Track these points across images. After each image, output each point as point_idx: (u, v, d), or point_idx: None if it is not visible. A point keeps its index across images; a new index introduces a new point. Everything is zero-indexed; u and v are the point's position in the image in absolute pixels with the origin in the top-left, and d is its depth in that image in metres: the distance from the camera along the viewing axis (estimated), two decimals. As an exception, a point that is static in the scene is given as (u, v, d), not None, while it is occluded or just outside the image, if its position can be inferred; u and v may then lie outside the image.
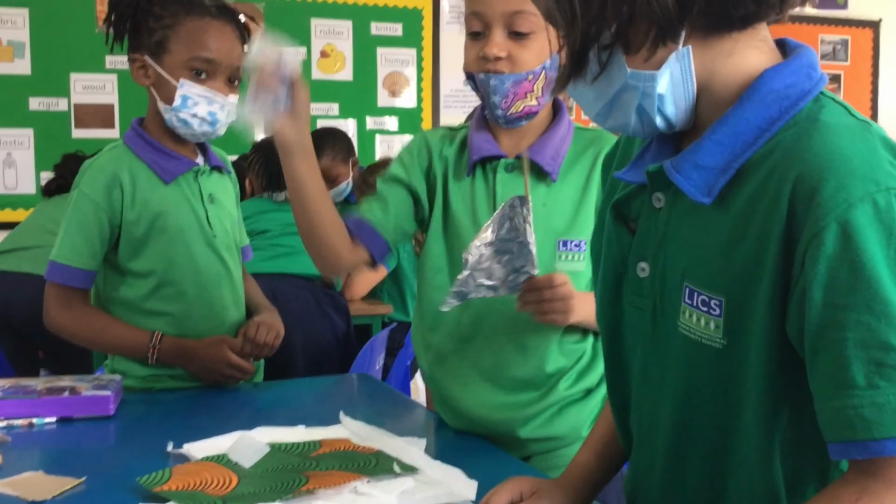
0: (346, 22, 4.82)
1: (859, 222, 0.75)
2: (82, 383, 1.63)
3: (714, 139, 0.85)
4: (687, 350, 0.89)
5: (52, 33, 4.27)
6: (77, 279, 1.74)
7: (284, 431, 1.43)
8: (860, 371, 0.76)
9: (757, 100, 0.84)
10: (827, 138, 0.79)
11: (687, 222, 0.90)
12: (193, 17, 1.70)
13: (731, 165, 0.84)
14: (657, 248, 0.93)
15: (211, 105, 1.72)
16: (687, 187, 0.86)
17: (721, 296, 0.84)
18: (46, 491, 1.18)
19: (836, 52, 5.92)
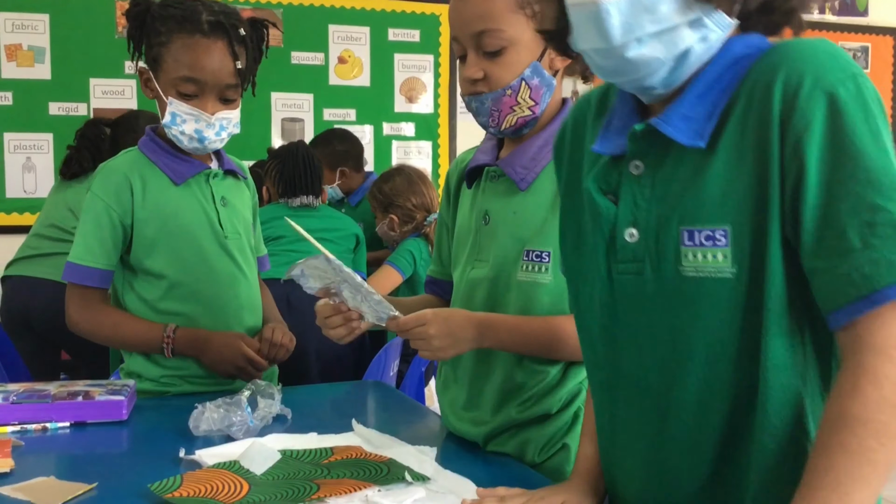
0: (363, 28, 4.83)
1: (842, 102, 0.85)
2: (96, 388, 1.63)
3: (694, 93, 0.94)
4: (695, 291, 0.93)
5: (72, 39, 4.30)
6: (93, 279, 1.76)
7: (296, 438, 1.43)
8: (855, 235, 0.83)
9: (723, 61, 0.94)
10: (794, 47, 0.89)
11: (677, 178, 0.95)
12: (183, 34, 1.70)
13: (714, 112, 0.93)
14: (646, 212, 0.97)
15: (198, 123, 1.73)
16: (679, 135, 0.93)
17: (726, 225, 0.91)
18: (58, 496, 1.18)
19: (856, 59, 5.87)
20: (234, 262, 1.84)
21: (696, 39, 0.91)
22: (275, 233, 2.85)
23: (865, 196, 0.84)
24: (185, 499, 1.14)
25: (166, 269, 1.78)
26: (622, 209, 1.00)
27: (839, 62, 0.88)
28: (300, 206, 3.03)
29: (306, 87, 4.75)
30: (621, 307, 1.02)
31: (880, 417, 0.81)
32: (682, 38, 0.91)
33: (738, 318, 0.91)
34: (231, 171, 1.88)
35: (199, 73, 1.70)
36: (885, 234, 0.83)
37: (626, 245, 0.99)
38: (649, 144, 0.97)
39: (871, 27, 5.88)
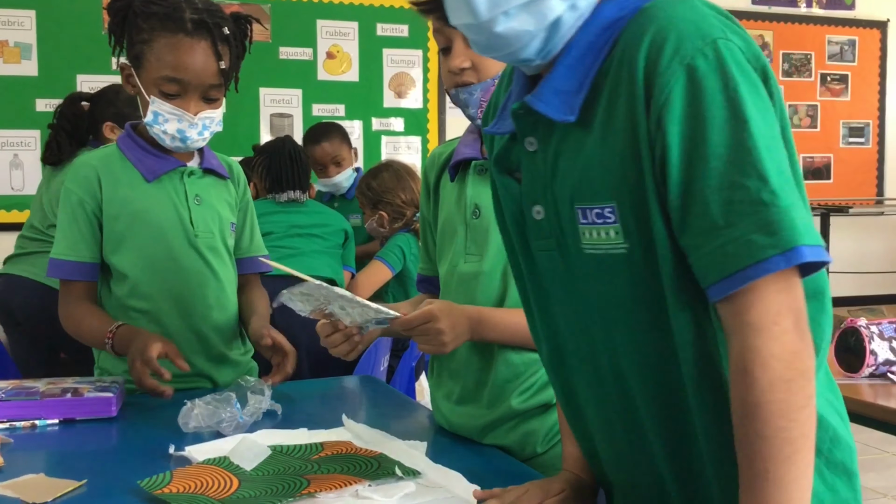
0: (352, 23, 4.83)
1: (700, 74, 0.83)
2: (85, 385, 1.63)
3: (565, 64, 0.92)
4: (597, 267, 0.93)
5: (58, 35, 4.29)
6: (77, 272, 1.76)
7: (286, 434, 1.43)
8: (719, 212, 0.82)
9: (594, 26, 0.91)
10: (660, 12, 0.87)
11: (563, 154, 0.94)
12: (167, 33, 1.67)
13: (584, 83, 0.91)
14: (544, 188, 0.97)
15: (180, 123, 1.71)
16: (550, 111, 0.91)
17: (611, 202, 0.90)
18: (47, 493, 1.18)
19: (843, 52, 5.90)
20: (204, 261, 1.82)
21: (566, 7, 0.89)
22: (263, 228, 2.84)
23: (727, 173, 0.82)
24: (174, 495, 1.14)
25: (133, 265, 1.77)
26: (525, 187, 1.00)
27: (700, 28, 0.85)
28: (288, 201, 3.02)
29: (295, 82, 4.74)
30: (546, 282, 1.03)
31: (778, 396, 0.81)
32: (551, 8, 0.89)
33: (641, 293, 0.91)
34: (211, 169, 1.86)
35: (182, 73, 1.68)
36: (744, 212, 0.82)
37: (535, 222, 1.00)
38: (534, 121, 0.95)
39: (858, 20, 5.91)
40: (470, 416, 1.48)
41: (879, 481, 3.77)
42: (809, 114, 5.86)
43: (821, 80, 5.87)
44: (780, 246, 0.81)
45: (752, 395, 0.82)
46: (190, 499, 1.13)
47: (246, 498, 1.14)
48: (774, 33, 5.72)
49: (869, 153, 6.02)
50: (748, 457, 0.84)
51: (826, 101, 5.89)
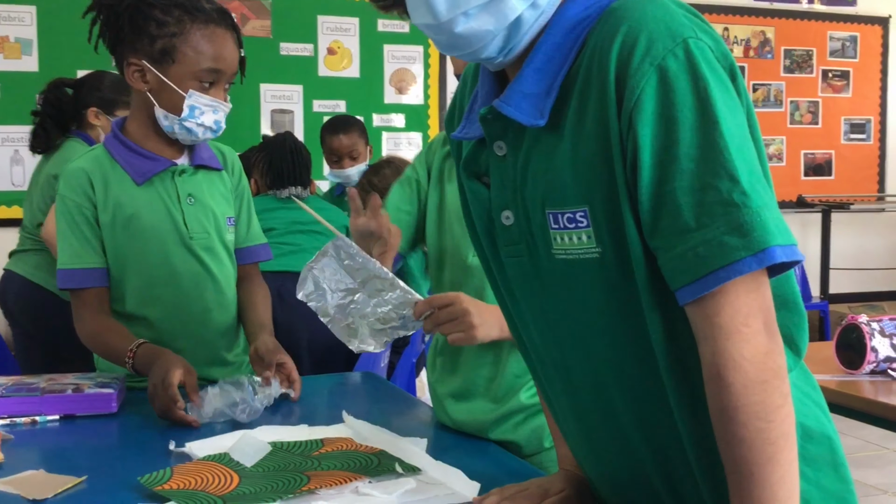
0: (352, 19, 4.82)
1: (671, 75, 0.82)
2: (85, 381, 1.63)
3: (533, 67, 0.90)
4: (569, 273, 0.92)
5: (59, 30, 4.28)
6: (87, 279, 1.73)
7: (287, 430, 1.43)
8: (690, 214, 0.82)
9: (560, 27, 0.90)
10: (629, 11, 0.85)
11: (534, 158, 0.93)
12: (199, 25, 1.67)
13: (553, 86, 0.90)
14: (513, 193, 0.95)
15: (216, 114, 1.71)
16: (519, 115, 0.90)
17: (583, 206, 0.89)
18: (47, 489, 1.18)
19: (844, 48, 5.89)
20: (200, 263, 1.79)
21: (526, 6, 0.88)
22: (265, 224, 2.83)
23: (698, 174, 0.82)
24: (175, 491, 1.14)
25: (127, 272, 1.75)
26: (494, 193, 0.98)
27: (670, 27, 0.84)
28: (289, 197, 3.01)
29: (295, 78, 4.74)
30: (516, 289, 1.01)
31: (753, 399, 0.81)
32: (511, 8, 0.87)
33: (615, 297, 0.90)
34: (202, 164, 1.83)
35: (222, 63, 1.69)
36: (715, 213, 0.81)
37: (504, 228, 0.98)
38: (503, 126, 0.94)
39: (860, 17, 5.90)
40: (476, 411, 1.48)
41: (880, 478, 3.77)
42: (811, 110, 5.85)
43: (822, 76, 5.86)
44: (751, 247, 0.80)
45: (727, 399, 0.82)
46: (190, 495, 1.13)
47: (246, 494, 1.14)
48: (776, 29, 5.71)
49: (870, 149, 6.01)
50: (732, 460, 0.83)
51: (827, 97, 5.88)
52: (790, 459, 0.83)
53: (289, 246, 2.87)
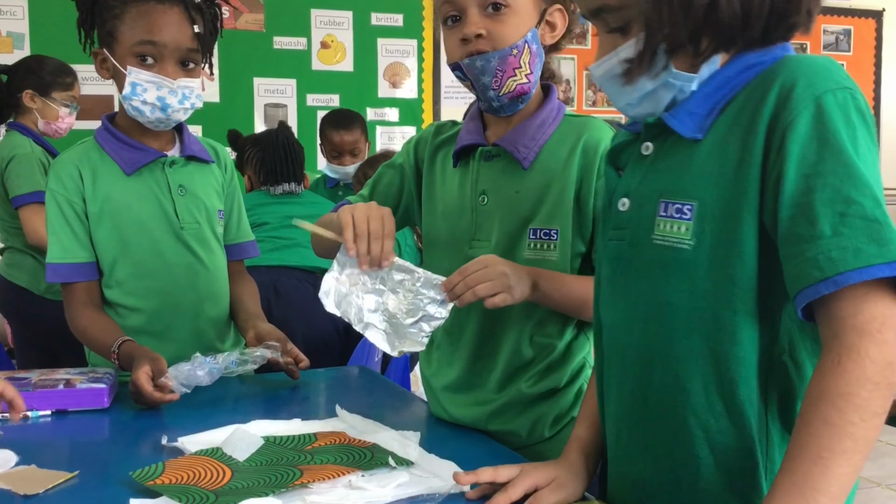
0: (346, 13, 4.81)
1: (828, 107, 0.90)
2: (77, 376, 1.62)
3: (703, 93, 1.01)
4: (659, 259, 1.01)
5: (51, 24, 4.26)
6: (74, 274, 1.73)
7: (280, 424, 1.43)
8: (827, 223, 0.87)
9: (736, 66, 1.01)
10: (797, 59, 0.97)
11: (669, 159, 1.03)
12: (138, 2, 1.66)
13: (715, 108, 1.00)
14: (639, 184, 1.06)
15: (160, 90, 1.68)
16: (682, 129, 1.01)
17: (693, 201, 0.98)
18: (39, 484, 1.17)
19: (838, 42, 5.89)
20: (192, 253, 1.79)
21: (676, 91, 1.01)
22: (259, 219, 2.83)
23: (842, 190, 0.87)
24: (167, 486, 1.14)
25: (119, 264, 1.75)
26: (623, 181, 1.09)
27: (834, 76, 0.93)
28: (283, 193, 3.00)
29: (289, 72, 4.72)
30: (608, 268, 1.10)
31: (861, 393, 0.84)
32: (663, 96, 1.02)
33: (700, 289, 0.97)
34: (193, 156, 1.83)
35: (158, 34, 1.66)
36: (855, 225, 0.86)
37: (618, 213, 1.08)
38: (660, 131, 1.05)
39: (854, 10, 5.90)
40: (474, 402, 1.47)
41: (873, 470, 3.78)
42: (805, 103, 5.85)
43: (816, 69, 5.85)
44: (887, 256, 0.85)
45: (837, 383, 0.85)
46: (182, 490, 1.12)
47: (239, 489, 1.13)
48: (770, 23, 5.71)
49: (864, 143, 6.02)
50: (806, 440, 0.86)
51: (821, 90, 5.88)
52: (857, 467, 0.85)
53: (283, 240, 2.87)
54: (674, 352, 1.00)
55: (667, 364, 1.01)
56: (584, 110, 5.39)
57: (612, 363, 1.11)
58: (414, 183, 1.61)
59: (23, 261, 2.93)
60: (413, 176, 1.61)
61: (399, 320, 1.34)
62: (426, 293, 1.33)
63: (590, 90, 5.41)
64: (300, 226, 1.40)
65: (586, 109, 5.39)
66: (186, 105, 1.72)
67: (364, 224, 1.33)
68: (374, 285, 1.35)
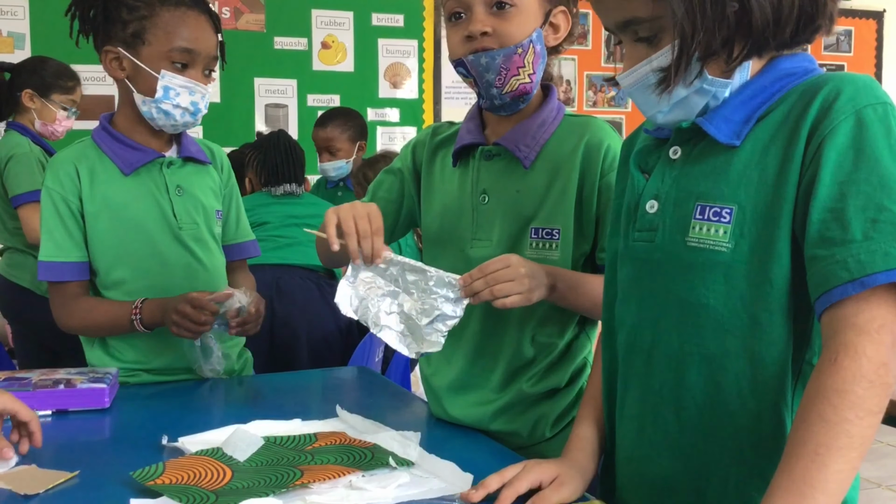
0: (347, 13, 4.81)
1: (868, 119, 0.93)
2: (77, 376, 1.62)
3: (739, 100, 1.02)
4: (693, 261, 1.02)
5: (52, 24, 4.26)
6: (67, 273, 1.74)
7: (280, 425, 1.43)
8: (858, 228, 0.89)
9: (771, 74, 1.03)
10: (840, 75, 0.99)
11: (703, 163, 1.04)
12: (169, 7, 1.68)
13: (752, 117, 1.02)
14: (670, 187, 1.07)
15: (192, 95, 1.70)
16: (719, 135, 1.02)
17: (732, 205, 1.00)
18: (39, 484, 1.17)
19: (839, 42, 5.89)
20: (190, 253, 1.80)
21: (709, 97, 1.02)
22: (260, 219, 2.84)
23: (875, 197, 0.89)
24: (167, 486, 1.14)
25: (117, 263, 1.75)
26: (650, 183, 1.10)
27: (876, 92, 0.96)
28: (283, 194, 3.01)
29: (290, 72, 4.72)
30: (632, 268, 1.12)
31: (856, 390, 0.86)
32: (696, 102, 1.02)
33: (737, 291, 0.99)
34: (191, 157, 1.84)
35: (195, 43, 1.69)
36: (886, 231, 0.88)
37: (645, 214, 1.09)
38: (691, 135, 1.06)
39: (855, 10, 5.89)
40: (475, 402, 1.47)
41: (873, 471, 3.78)
42: (805, 104, 5.85)
43: (817, 70, 5.86)
44: None
45: (833, 380, 0.87)
46: (182, 490, 1.12)
47: (239, 489, 1.13)
48: (771, 23, 5.71)
49: (865, 144, 6.01)
50: (802, 437, 0.87)
51: (822, 91, 5.88)
52: (854, 465, 0.86)
53: (285, 239, 2.88)
54: (708, 352, 1.02)
55: (701, 364, 1.03)
56: (585, 111, 5.39)
57: (634, 363, 1.11)
58: (414, 186, 1.61)
59: (24, 261, 2.93)
60: (412, 179, 1.61)
61: (415, 321, 1.34)
62: (440, 292, 1.33)
63: (590, 91, 5.41)
64: (308, 231, 1.42)
65: (587, 110, 5.39)
66: (205, 110, 1.75)
67: (350, 222, 1.33)
68: (389, 288, 1.35)
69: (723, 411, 1.02)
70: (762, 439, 1.00)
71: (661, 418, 1.08)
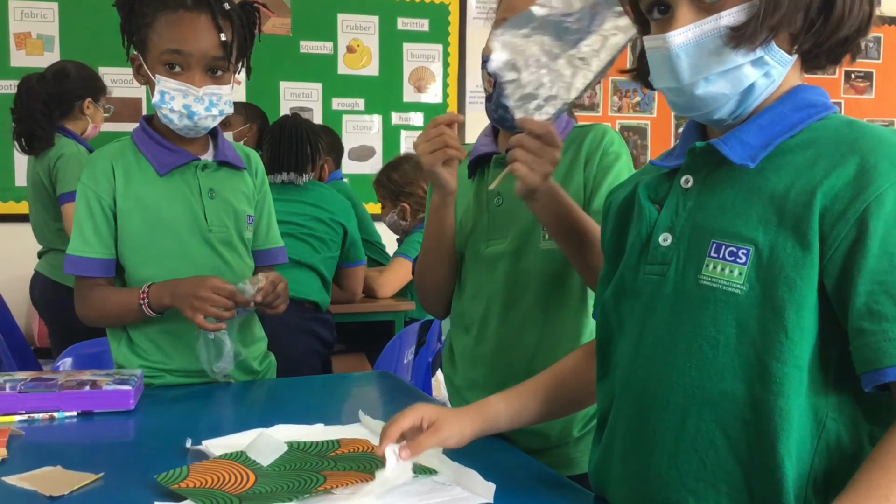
0: (372, 17, 4.82)
1: None
2: (103, 377, 1.63)
3: (758, 123, 1.01)
4: (705, 299, 0.99)
5: (81, 27, 4.31)
6: (92, 269, 1.76)
7: (303, 429, 1.43)
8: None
9: (793, 101, 1.02)
10: (875, 133, 0.96)
11: (718, 196, 1.02)
12: (168, 11, 1.68)
13: (772, 143, 1.00)
14: (685, 220, 1.05)
15: (186, 98, 1.69)
16: (733, 156, 1.00)
17: (748, 245, 0.96)
18: (64, 486, 1.18)
19: (868, 50, 5.83)
20: (219, 255, 1.81)
21: (760, 76, 0.99)
22: None
23: None
24: (191, 490, 1.14)
25: (146, 262, 1.77)
26: (663, 216, 1.07)
27: None
28: (282, 183, 2.92)
29: (315, 76, 4.74)
30: (638, 303, 1.08)
31: None
32: (746, 76, 0.98)
33: (748, 334, 0.96)
34: (226, 161, 1.84)
35: (184, 44, 1.67)
36: None
37: (658, 247, 1.06)
38: (704, 162, 1.04)
39: (884, 17, 5.83)
40: None
41: None
42: (833, 111, 5.80)
43: (845, 77, 5.81)
44: None
45: None
46: (206, 494, 1.13)
47: (262, 493, 1.13)
48: (798, 30, 5.66)
49: (893, 151, 5.95)
50: (876, 470, 0.87)
51: (850, 98, 5.83)
52: None
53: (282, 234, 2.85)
54: (711, 395, 0.98)
55: (703, 406, 0.99)
56: (609, 116, 5.37)
57: (629, 401, 1.08)
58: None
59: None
60: None
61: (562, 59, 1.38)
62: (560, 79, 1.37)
63: (615, 96, 5.38)
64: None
65: (611, 115, 5.37)
66: (214, 112, 1.73)
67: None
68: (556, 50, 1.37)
69: (722, 458, 0.98)
70: (760, 490, 0.96)
71: (654, 460, 1.03)
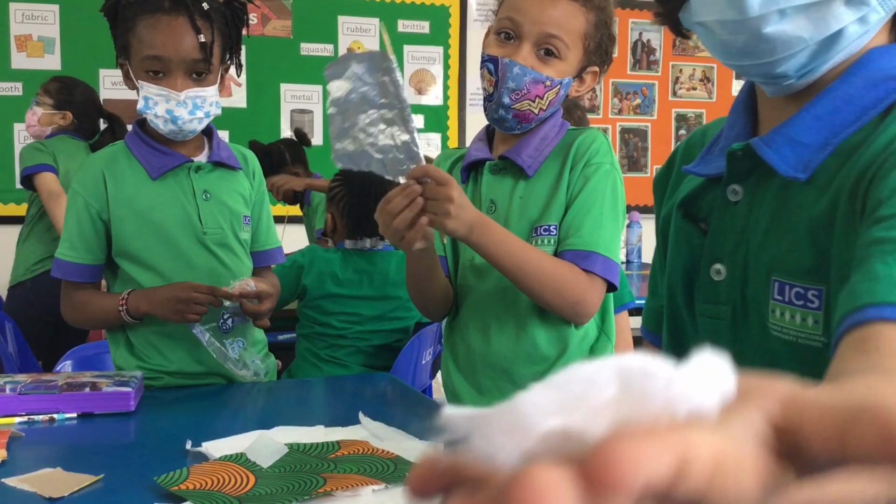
0: (373, 20, 4.82)
1: None
2: (103, 379, 1.63)
3: (813, 113, 0.77)
4: (782, 354, 0.79)
5: (81, 29, 4.31)
6: (77, 274, 1.77)
7: (303, 431, 1.43)
8: None
9: (863, 76, 0.76)
10: None
11: (771, 212, 0.80)
12: (146, 16, 1.67)
13: (830, 142, 0.76)
14: (735, 246, 0.83)
15: (168, 103, 1.69)
16: (778, 163, 0.77)
17: (820, 285, 0.74)
18: (64, 488, 1.18)
19: None
20: (215, 257, 1.81)
21: (854, 20, 0.73)
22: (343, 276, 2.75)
23: None
24: (191, 491, 1.14)
25: (141, 266, 1.77)
26: (710, 241, 0.86)
27: None
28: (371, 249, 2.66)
29: (315, 78, 4.74)
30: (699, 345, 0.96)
31: None
32: (836, 17, 0.72)
33: None
34: (220, 162, 1.83)
35: (163, 49, 1.66)
36: None
37: (710, 282, 0.86)
38: (750, 167, 0.81)
39: None
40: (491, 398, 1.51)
41: None
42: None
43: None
44: None
45: None
46: (206, 495, 1.13)
47: (262, 495, 1.13)
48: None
49: None
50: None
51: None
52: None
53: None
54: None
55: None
56: (610, 119, 5.37)
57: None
58: None
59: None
60: None
61: (368, 136, 1.36)
62: (397, 151, 1.35)
63: (615, 98, 5.38)
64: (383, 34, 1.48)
65: (612, 118, 5.37)
66: (199, 115, 1.71)
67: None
68: (376, 101, 1.36)
69: None
70: None
71: None
